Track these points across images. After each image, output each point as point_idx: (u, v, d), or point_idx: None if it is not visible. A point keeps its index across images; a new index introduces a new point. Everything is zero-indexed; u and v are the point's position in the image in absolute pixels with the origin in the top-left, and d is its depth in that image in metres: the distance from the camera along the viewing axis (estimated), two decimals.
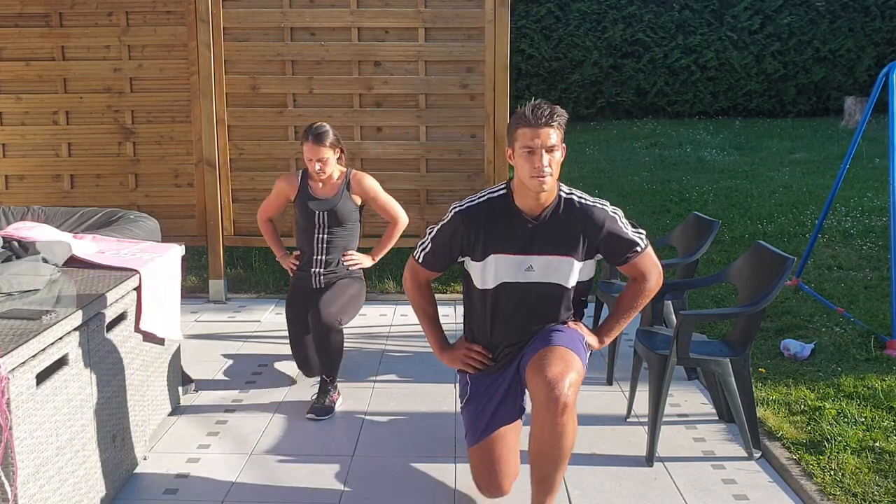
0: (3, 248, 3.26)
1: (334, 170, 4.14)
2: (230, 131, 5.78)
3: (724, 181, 9.93)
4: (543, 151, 2.73)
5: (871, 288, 5.67)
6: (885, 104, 4.99)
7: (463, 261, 3.04)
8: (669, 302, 4.18)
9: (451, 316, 5.46)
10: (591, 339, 3.04)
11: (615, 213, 2.94)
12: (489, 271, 2.93)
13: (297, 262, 4.24)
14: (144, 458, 3.44)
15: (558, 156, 2.79)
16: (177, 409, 3.95)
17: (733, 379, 3.41)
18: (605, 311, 4.59)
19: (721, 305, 5.45)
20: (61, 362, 2.69)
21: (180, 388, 3.99)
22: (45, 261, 3.20)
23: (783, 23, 16.01)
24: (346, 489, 3.22)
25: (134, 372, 3.32)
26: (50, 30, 5.73)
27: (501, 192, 2.93)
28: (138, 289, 3.34)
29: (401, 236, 4.64)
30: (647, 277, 3.02)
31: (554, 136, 2.76)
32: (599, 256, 3.00)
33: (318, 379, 4.13)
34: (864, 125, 5.47)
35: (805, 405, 3.88)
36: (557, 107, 2.80)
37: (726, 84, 16.20)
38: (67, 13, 5.72)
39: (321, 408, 3.89)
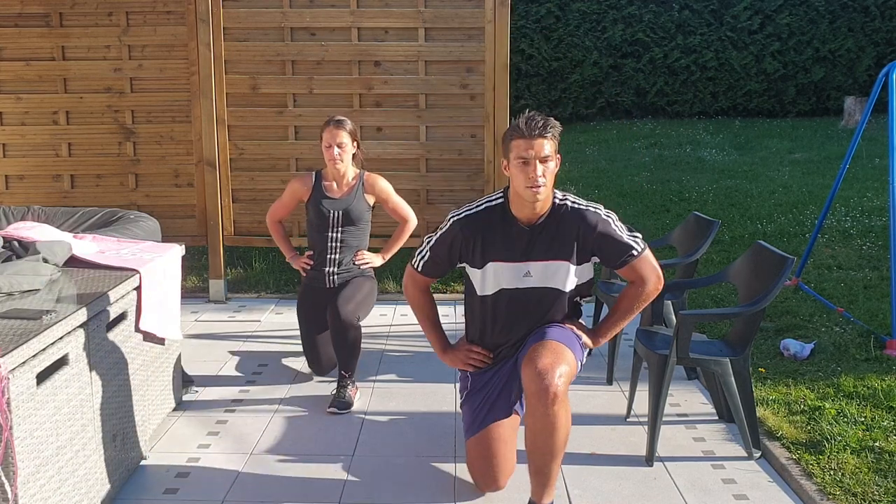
0: (3, 248, 3.27)
1: (349, 169, 4.22)
2: (230, 131, 5.78)
3: (724, 181, 9.93)
4: (537, 162, 2.80)
5: (871, 288, 5.67)
6: (885, 104, 4.99)
7: (463, 266, 3.11)
8: (669, 302, 4.18)
9: (451, 316, 5.46)
10: (586, 339, 3.08)
11: (608, 216, 2.98)
12: (488, 278, 3.00)
13: (310, 263, 4.29)
14: (145, 458, 3.44)
15: (552, 166, 2.85)
16: (177, 409, 3.95)
17: (733, 379, 3.41)
18: (605, 311, 4.60)
19: (721, 305, 5.45)
20: (61, 362, 2.69)
21: (180, 388, 3.99)
22: (45, 261, 3.20)
23: (783, 23, 16.01)
24: (346, 489, 3.22)
25: (134, 372, 3.32)
26: (50, 30, 5.73)
27: (499, 200, 3.00)
28: (138, 289, 3.34)
29: None
30: (646, 282, 3.03)
31: (548, 146, 2.83)
32: (597, 260, 3.04)
33: (319, 376, 4.30)
34: (863, 125, 5.47)
35: (805, 405, 3.88)
36: (551, 119, 2.87)
37: (726, 84, 16.20)
38: (67, 13, 5.72)
39: (342, 402, 3.95)
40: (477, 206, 3.02)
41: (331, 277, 4.24)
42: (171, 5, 5.68)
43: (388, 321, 5.35)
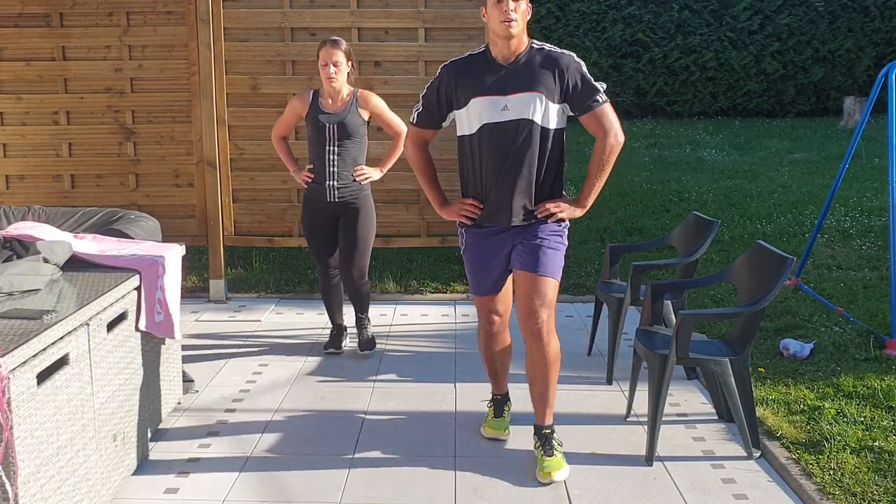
0: (3, 247, 3.27)
1: (344, 86, 4.42)
2: (230, 131, 5.78)
3: (724, 181, 9.94)
4: (510, 0, 3.14)
5: (871, 288, 5.68)
6: (885, 104, 5.00)
7: (453, 118, 3.39)
8: (669, 302, 4.18)
9: (451, 315, 5.46)
10: (574, 211, 3.35)
11: (579, 60, 3.31)
12: (472, 115, 3.28)
13: (311, 177, 4.50)
14: (145, 458, 3.45)
15: (523, 6, 3.19)
16: (177, 409, 3.95)
17: (733, 379, 3.42)
18: (605, 311, 4.60)
19: (721, 305, 5.45)
20: (62, 362, 2.70)
21: (180, 388, 3.99)
22: (45, 261, 3.20)
23: (782, 23, 16.03)
24: (346, 488, 3.22)
25: (134, 372, 3.32)
26: (50, 30, 5.73)
27: (481, 49, 3.37)
28: (138, 289, 3.34)
29: (397, 237, 4.63)
30: (608, 132, 3.28)
31: None
32: (567, 107, 3.28)
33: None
34: (863, 125, 5.47)
35: (804, 405, 3.88)
36: None
37: (726, 84, 16.22)
38: (68, 13, 5.72)
39: (368, 342, 4.67)
40: (462, 56, 3.39)
41: (332, 192, 4.45)
42: (171, 5, 5.68)
43: (388, 321, 5.35)
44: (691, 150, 12.52)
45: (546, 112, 3.23)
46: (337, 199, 4.46)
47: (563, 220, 3.35)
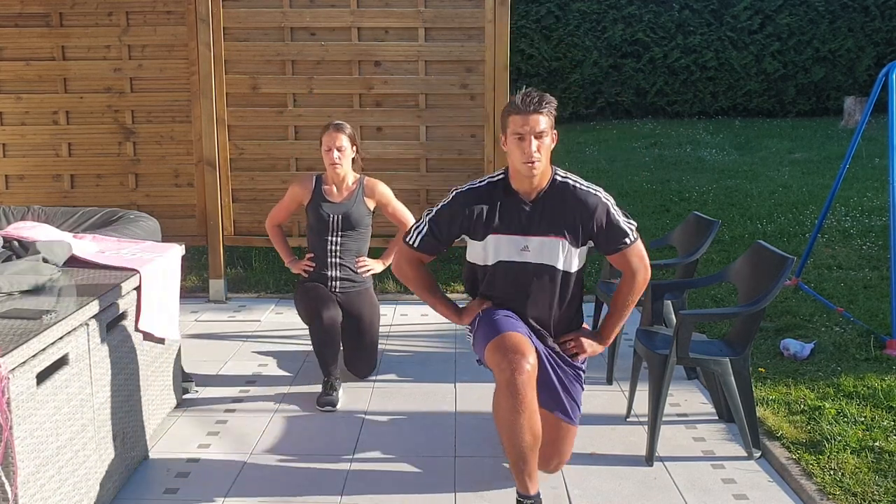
0: (3, 247, 3.27)
1: (349, 173, 4.22)
2: (230, 131, 5.78)
3: (724, 181, 9.93)
4: (532, 137, 2.86)
5: (871, 288, 5.67)
6: (885, 104, 4.99)
7: (461, 238, 3.12)
8: (669, 302, 4.18)
9: None
10: (596, 346, 3.17)
11: (608, 199, 3.03)
12: (489, 250, 3.05)
13: (311, 266, 4.27)
14: (144, 458, 3.44)
15: (548, 141, 2.91)
16: (177, 409, 3.95)
17: (733, 379, 3.41)
18: (605, 311, 4.60)
19: (721, 305, 5.45)
20: (61, 362, 2.70)
21: (181, 388, 3.99)
22: (45, 261, 3.20)
23: (783, 23, 16.01)
24: (346, 489, 3.22)
25: (134, 372, 3.32)
26: (50, 30, 5.73)
27: (500, 176, 3.07)
28: (138, 289, 3.34)
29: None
30: (635, 273, 3.10)
31: (543, 122, 2.88)
32: (591, 244, 3.08)
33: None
34: (863, 125, 5.47)
35: (805, 405, 3.88)
36: (547, 94, 2.92)
37: (726, 84, 16.20)
38: (67, 13, 5.72)
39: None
40: (479, 182, 3.08)
41: (333, 282, 4.25)
42: (171, 5, 5.68)
43: (388, 321, 5.35)
44: (691, 149, 12.51)
45: (568, 257, 3.01)
46: (338, 291, 4.24)
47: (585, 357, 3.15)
